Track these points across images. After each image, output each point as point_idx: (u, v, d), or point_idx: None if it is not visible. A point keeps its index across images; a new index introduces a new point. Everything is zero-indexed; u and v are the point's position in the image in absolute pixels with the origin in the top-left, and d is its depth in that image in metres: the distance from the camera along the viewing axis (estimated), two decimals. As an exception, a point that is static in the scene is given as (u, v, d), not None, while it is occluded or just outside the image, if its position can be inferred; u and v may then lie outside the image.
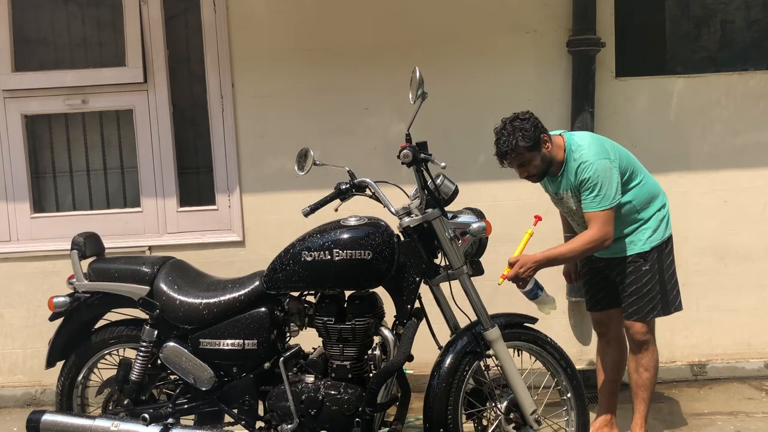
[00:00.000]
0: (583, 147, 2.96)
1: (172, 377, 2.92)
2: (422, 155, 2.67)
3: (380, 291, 2.79)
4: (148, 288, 2.83)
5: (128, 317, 2.99)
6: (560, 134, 3.06)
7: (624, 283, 3.11)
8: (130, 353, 2.95)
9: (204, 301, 2.79)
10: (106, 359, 3.02)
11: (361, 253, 2.61)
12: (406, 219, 2.72)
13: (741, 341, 4.28)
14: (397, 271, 2.69)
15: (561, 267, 3.42)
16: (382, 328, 2.74)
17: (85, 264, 2.95)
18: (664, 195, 3.16)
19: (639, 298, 3.07)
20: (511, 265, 2.90)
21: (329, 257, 2.63)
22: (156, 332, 2.85)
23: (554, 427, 2.92)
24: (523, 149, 2.91)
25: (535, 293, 3.00)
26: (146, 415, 2.78)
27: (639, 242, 3.07)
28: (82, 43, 4.37)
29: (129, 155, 4.37)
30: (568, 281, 3.51)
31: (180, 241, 4.24)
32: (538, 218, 3.12)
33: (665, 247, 3.11)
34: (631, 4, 4.25)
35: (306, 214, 2.83)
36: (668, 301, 3.11)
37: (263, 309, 2.77)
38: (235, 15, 4.16)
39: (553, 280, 4.17)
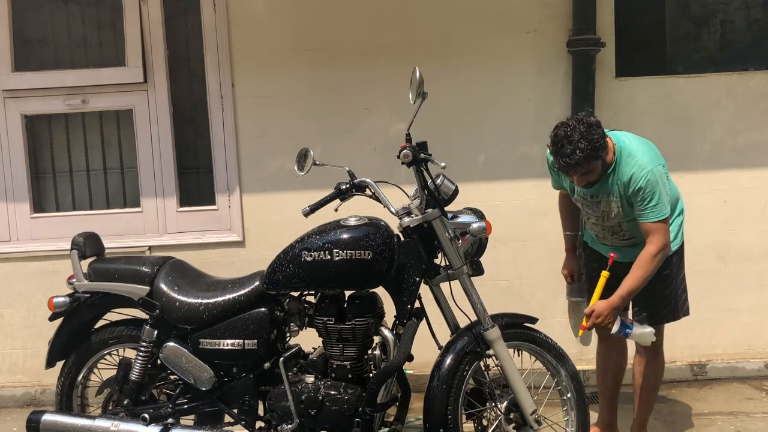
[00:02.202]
0: (637, 152, 2.82)
1: (172, 377, 2.92)
2: (422, 155, 2.67)
3: (380, 291, 2.79)
4: (148, 288, 2.83)
5: (128, 317, 2.99)
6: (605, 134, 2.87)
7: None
8: (130, 353, 2.95)
9: (204, 301, 2.79)
10: (106, 359, 3.02)
11: (361, 253, 2.61)
12: (406, 219, 2.72)
13: (741, 341, 4.28)
14: (397, 271, 2.69)
15: (560, 266, 3.39)
16: (382, 328, 2.74)
17: (85, 264, 2.95)
18: (681, 199, 3.08)
19: (654, 303, 3.00)
20: (588, 315, 2.81)
21: (329, 257, 2.63)
22: (156, 332, 2.85)
23: (554, 428, 2.91)
24: (593, 160, 2.73)
25: (625, 333, 2.87)
26: (146, 415, 2.78)
27: None
28: (82, 43, 4.37)
29: (129, 155, 4.37)
30: (568, 282, 3.45)
31: (180, 241, 4.24)
32: (613, 257, 2.94)
33: (681, 252, 3.05)
34: (631, 4, 4.25)
35: (306, 214, 2.83)
36: (678, 306, 3.06)
37: (263, 309, 2.77)
38: (235, 15, 4.16)
39: (550, 281, 4.19)
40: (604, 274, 2.90)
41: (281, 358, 2.75)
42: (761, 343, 4.28)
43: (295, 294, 2.83)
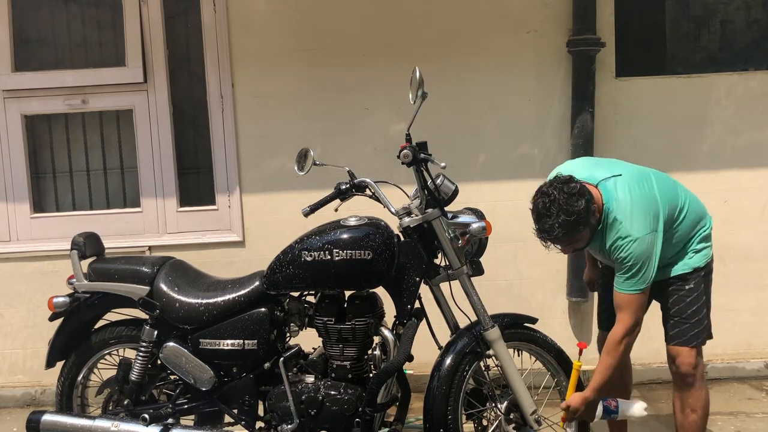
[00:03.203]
0: (624, 218, 2.56)
1: (172, 377, 2.92)
2: (422, 155, 2.67)
3: (380, 291, 2.79)
4: (148, 288, 2.83)
5: (128, 317, 2.99)
6: (596, 186, 2.64)
7: (661, 306, 2.86)
8: (130, 353, 2.95)
9: (204, 301, 2.79)
10: (106, 359, 3.03)
11: (361, 253, 2.61)
12: (406, 219, 2.72)
13: (741, 341, 4.28)
14: (397, 272, 2.69)
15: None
16: (382, 328, 2.74)
17: (85, 264, 2.95)
18: (707, 216, 2.87)
19: (681, 321, 2.81)
20: (565, 410, 2.70)
21: (329, 257, 2.63)
22: (156, 332, 2.85)
23: (554, 428, 2.91)
24: (574, 234, 2.54)
25: (612, 416, 2.76)
26: (146, 416, 2.78)
27: (680, 264, 2.80)
28: (82, 43, 4.37)
29: (129, 155, 4.37)
30: (590, 289, 3.32)
31: (180, 241, 4.24)
32: (582, 346, 2.79)
33: (708, 268, 2.87)
34: (631, 4, 4.25)
35: (306, 214, 2.83)
36: (704, 326, 2.86)
37: (263, 309, 2.77)
38: (235, 15, 4.16)
39: (550, 281, 4.19)
40: (577, 365, 2.74)
41: (281, 358, 2.76)
42: (761, 343, 4.28)
43: (295, 294, 2.83)
